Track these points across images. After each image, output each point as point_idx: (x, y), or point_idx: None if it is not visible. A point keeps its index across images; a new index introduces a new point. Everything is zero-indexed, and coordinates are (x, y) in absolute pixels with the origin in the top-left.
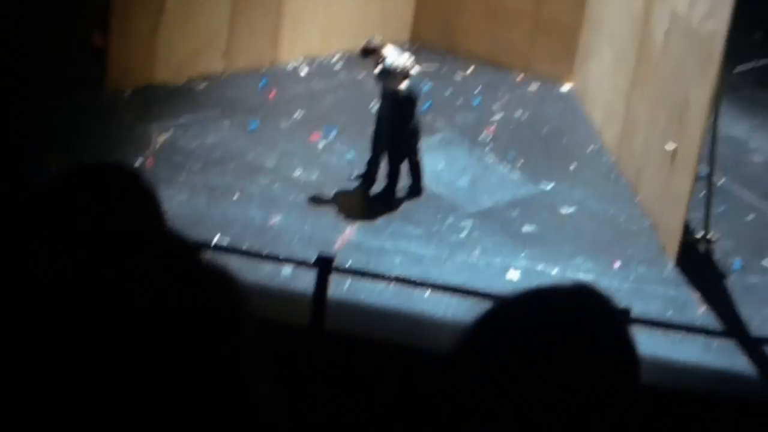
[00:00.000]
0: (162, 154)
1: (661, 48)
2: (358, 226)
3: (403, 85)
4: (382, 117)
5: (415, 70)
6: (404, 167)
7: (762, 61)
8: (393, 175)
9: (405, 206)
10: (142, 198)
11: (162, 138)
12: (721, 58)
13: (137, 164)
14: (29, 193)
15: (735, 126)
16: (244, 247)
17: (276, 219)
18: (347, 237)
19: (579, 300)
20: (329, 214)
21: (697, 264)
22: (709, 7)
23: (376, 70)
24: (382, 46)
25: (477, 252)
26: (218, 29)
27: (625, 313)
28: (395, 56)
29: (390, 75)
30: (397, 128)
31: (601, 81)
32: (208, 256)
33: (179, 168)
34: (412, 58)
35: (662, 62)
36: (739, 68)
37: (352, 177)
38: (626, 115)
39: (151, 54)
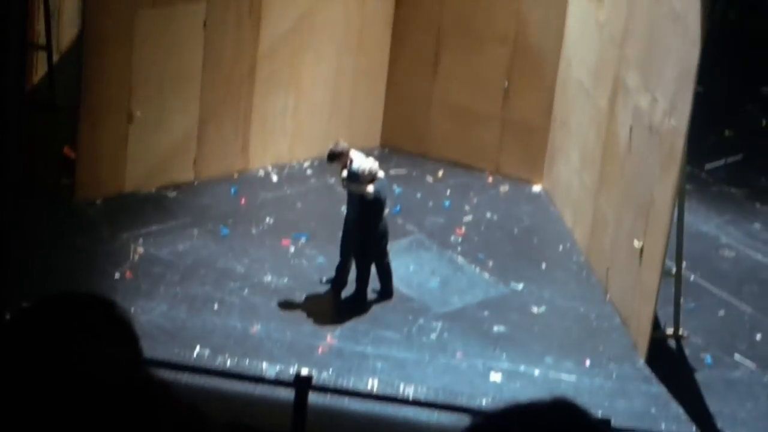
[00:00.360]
0: (139, 265)
1: (625, 146)
2: (338, 333)
3: (370, 188)
4: (349, 221)
5: (381, 174)
6: (373, 270)
7: (732, 159)
8: (362, 279)
9: (376, 309)
10: (116, 332)
11: (140, 250)
12: (682, 155)
13: (116, 276)
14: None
15: (705, 222)
16: (225, 358)
17: (256, 327)
18: (329, 343)
19: (560, 415)
20: (307, 320)
21: (668, 360)
22: (670, 105)
23: (343, 174)
24: (348, 150)
25: (459, 354)
26: (187, 138)
27: (606, 423)
28: (361, 160)
29: (357, 179)
30: (365, 231)
31: (569, 181)
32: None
33: (158, 279)
34: (377, 162)
35: (627, 160)
36: (709, 165)
37: (323, 281)
38: (595, 214)
39: (121, 163)
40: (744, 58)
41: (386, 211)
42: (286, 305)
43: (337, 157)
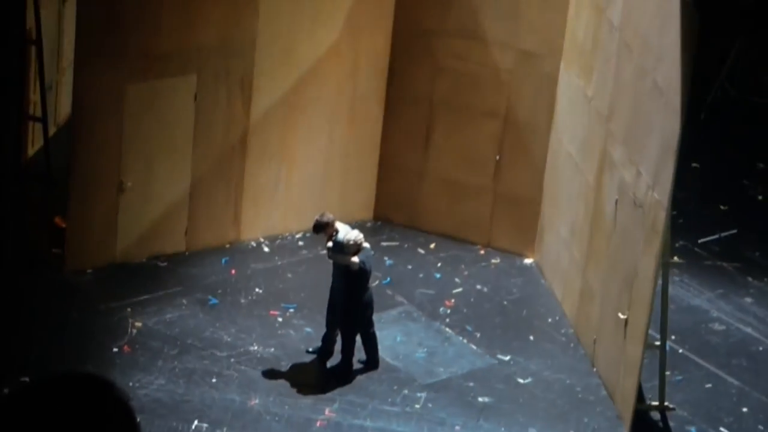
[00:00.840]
0: (137, 339)
1: (611, 219)
2: (336, 406)
3: (355, 259)
4: (335, 291)
5: (366, 245)
6: (359, 340)
7: (726, 233)
8: (348, 349)
9: (361, 379)
10: (115, 413)
11: (137, 324)
12: (664, 228)
13: (114, 350)
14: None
15: (697, 296)
16: None
17: (255, 401)
18: (327, 417)
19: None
20: (302, 393)
21: None
22: (653, 178)
23: (328, 245)
24: (333, 221)
25: (457, 428)
26: (178, 209)
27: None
28: (346, 231)
29: (342, 249)
30: (350, 301)
31: (559, 254)
32: None
33: (156, 353)
34: (362, 234)
35: (613, 232)
36: (703, 239)
37: (309, 351)
38: (583, 287)
39: (112, 233)
40: (743, 133)
41: (371, 281)
42: (273, 375)
43: (323, 227)
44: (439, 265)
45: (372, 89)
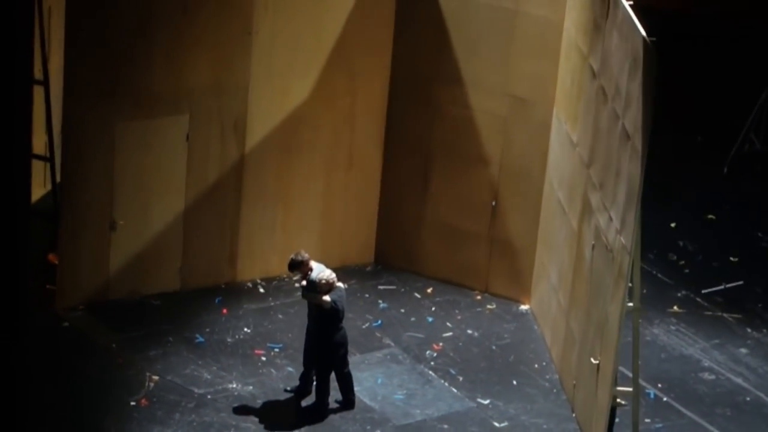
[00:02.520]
0: (155, 392)
1: (589, 265)
2: None
3: (327, 298)
4: (310, 330)
5: (340, 284)
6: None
7: (731, 284)
8: (322, 388)
9: (334, 419)
10: None
11: (155, 378)
12: (627, 274)
13: (132, 403)
14: None
15: (691, 345)
16: None
17: None
18: None
19: None
20: (272, 430)
21: None
22: (621, 223)
23: (302, 284)
24: (308, 260)
25: None
26: (172, 248)
27: None
28: (320, 270)
29: (314, 288)
30: (323, 340)
31: (550, 300)
32: None
33: (173, 406)
34: (334, 273)
35: (590, 279)
36: (707, 290)
37: (287, 390)
38: (566, 333)
39: (104, 271)
40: (765, 186)
41: (344, 321)
42: (246, 412)
43: (298, 266)
44: (433, 309)
45: (370, 134)
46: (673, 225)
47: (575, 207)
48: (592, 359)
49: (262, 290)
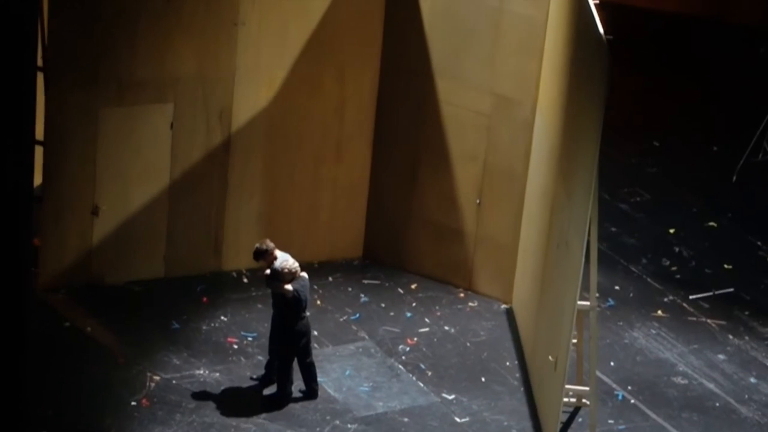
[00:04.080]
0: (156, 393)
1: (553, 262)
2: (252, 429)
3: (289, 287)
4: (274, 319)
5: (303, 274)
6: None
7: (721, 291)
8: (283, 376)
9: (295, 407)
10: None
11: (156, 378)
12: (579, 271)
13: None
14: None
15: (668, 350)
16: None
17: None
18: None
19: None
20: (229, 416)
21: None
22: (576, 222)
23: (266, 272)
24: (273, 249)
25: None
26: (156, 235)
27: None
28: (284, 259)
29: (277, 277)
30: (284, 329)
31: (526, 299)
32: None
33: (174, 406)
34: (297, 263)
35: (553, 275)
36: (694, 296)
37: (253, 378)
38: (535, 331)
39: (86, 255)
40: None
41: (307, 311)
42: (207, 397)
43: (262, 254)
44: (413, 305)
45: (360, 127)
46: (671, 231)
47: (547, 204)
48: (549, 357)
49: (245, 280)
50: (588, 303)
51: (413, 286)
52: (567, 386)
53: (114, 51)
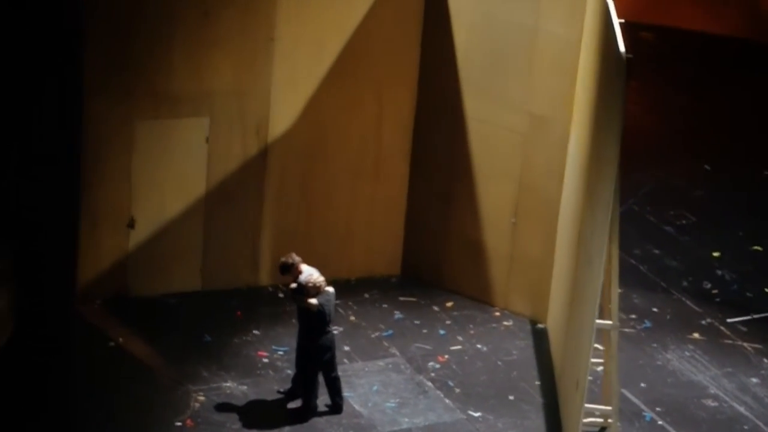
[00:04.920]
0: (200, 413)
1: (580, 281)
2: None
3: (313, 301)
4: (299, 333)
5: (330, 289)
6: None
7: (759, 315)
8: (308, 390)
9: (319, 421)
10: None
11: (200, 398)
12: (598, 289)
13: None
14: None
15: (702, 372)
16: None
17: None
18: None
19: None
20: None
21: None
22: (597, 240)
23: (291, 286)
24: (298, 263)
25: None
26: (192, 248)
27: None
28: (309, 273)
29: (302, 291)
30: (308, 343)
31: (558, 319)
32: None
33: (218, 427)
34: (323, 277)
35: (579, 295)
36: (733, 319)
37: (279, 391)
38: (564, 352)
39: (123, 267)
40: None
41: (332, 325)
42: (232, 410)
43: (288, 269)
44: (447, 322)
45: (397, 144)
46: (715, 254)
47: (577, 223)
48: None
49: (281, 295)
50: (610, 322)
51: (449, 305)
52: (591, 405)
53: (150, 64)
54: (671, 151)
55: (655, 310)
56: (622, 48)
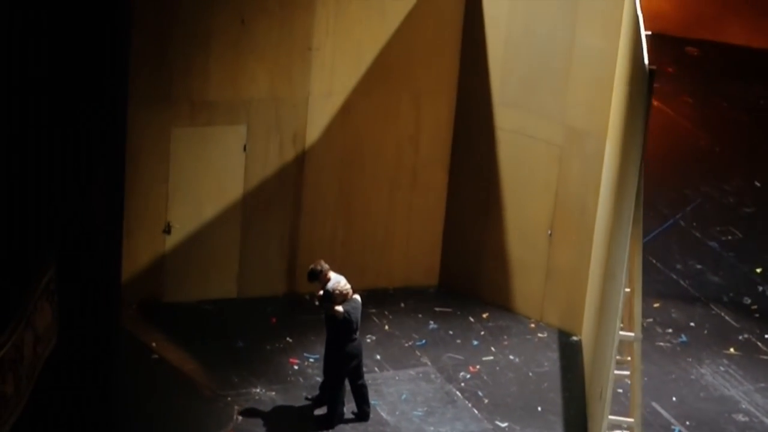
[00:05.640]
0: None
1: (606, 293)
2: None
3: (339, 308)
4: (326, 340)
5: (356, 296)
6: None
7: None
8: (333, 398)
9: (344, 429)
10: None
11: (239, 414)
12: (620, 301)
13: None
14: None
15: (734, 387)
16: None
17: None
18: None
19: None
20: None
21: None
22: (619, 250)
23: (319, 293)
24: (327, 271)
25: None
26: (228, 255)
27: None
28: (337, 280)
29: (328, 298)
30: (334, 350)
31: (590, 331)
32: None
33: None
34: (349, 285)
35: (603, 307)
36: None
37: (307, 398)
38: (593, 363)
39: (159, 272)
40: None
41: (358, 332)
42: (258, 415)
43: (317, 276)
44: (482, 333)
45: (435, 155)
46: (758, 270)
47: (608, 235)
48: (592, 387)
49: (317, 303)
50: (632, 334)
51: (485, 316)
52: (618, 417)
53: (187, 71)
54: (723, 168)
55: (692, 324)
56: (646, 59)
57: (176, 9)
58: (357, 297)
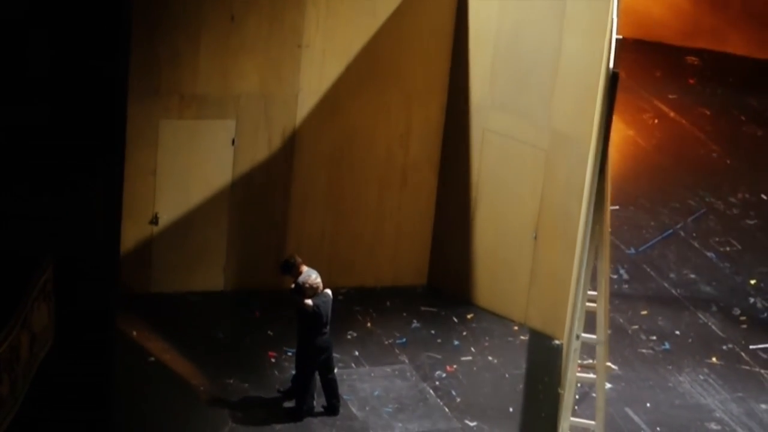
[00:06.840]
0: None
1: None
2: None
3: (309, 301)
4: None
5: (327, 291)
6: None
7: None
8: (302, 390)
9: (312, 422)
10: None
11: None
12: (579, 304)
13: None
14: None
15: (711, 396)
16: None
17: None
18: None
19: None
20: (245, 424)
21: None
22: (585, 252)
23: (292, 286)
24: (300, 264)
25: None
26: (216, 247)
27: None
28: (308, 274)
29: (299, 291)
30: (304, 343)
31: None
32: None
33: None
34: (320, 278)
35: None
36: (756, 346)
37: (279, 390)
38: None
39: (146, 262)
40: None
41: (327, 326)
42: (227, 406)
43: (289, 269)
44: (464, 334)
45: (425, 155)
46: (752, 282)
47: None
48: (559, 389)
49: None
50: (594, 337)
51: (469, 317)
52: (579, 420)
53: (176, 64)
54: (732, 180)
55: (677, 332)
56: (612, 62)
57: (167, 2)
58: (328, 291)
